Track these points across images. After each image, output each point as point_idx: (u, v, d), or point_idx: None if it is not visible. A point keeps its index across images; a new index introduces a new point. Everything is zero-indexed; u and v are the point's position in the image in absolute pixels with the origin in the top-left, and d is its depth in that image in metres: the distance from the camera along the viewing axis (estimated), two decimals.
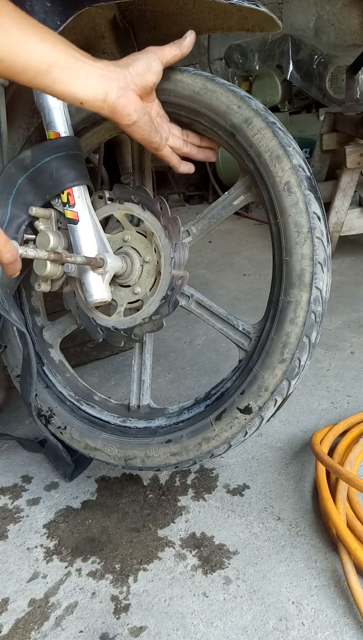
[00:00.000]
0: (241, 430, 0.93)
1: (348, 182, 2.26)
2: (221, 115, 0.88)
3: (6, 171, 0.93)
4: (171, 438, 0.99)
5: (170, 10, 1.00)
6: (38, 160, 0.92)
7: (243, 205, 0.96)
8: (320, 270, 0.84)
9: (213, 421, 0.95)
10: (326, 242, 0.85)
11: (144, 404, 1.08)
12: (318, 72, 3.33)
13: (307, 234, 0.82)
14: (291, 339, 0.86)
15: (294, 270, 0.84)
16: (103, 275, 0.94)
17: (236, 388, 0.93)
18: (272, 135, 0.84)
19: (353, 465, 1.09)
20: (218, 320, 0.98)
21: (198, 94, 0.90)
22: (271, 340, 0.87)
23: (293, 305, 0.85)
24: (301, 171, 0.84)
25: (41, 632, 0.89)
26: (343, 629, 0.83)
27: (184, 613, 0.89)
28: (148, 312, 0.97)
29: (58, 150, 0.92)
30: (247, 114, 0.86)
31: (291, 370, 0.87)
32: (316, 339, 0.88)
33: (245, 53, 3.59)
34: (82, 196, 0.93)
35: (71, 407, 1.12)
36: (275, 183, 0.84)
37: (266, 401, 0.89)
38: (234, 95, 0.88)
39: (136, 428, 1.07)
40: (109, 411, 1.11)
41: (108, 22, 1.06)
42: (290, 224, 0.83)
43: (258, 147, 0.85)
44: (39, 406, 1.12)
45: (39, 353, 1.15)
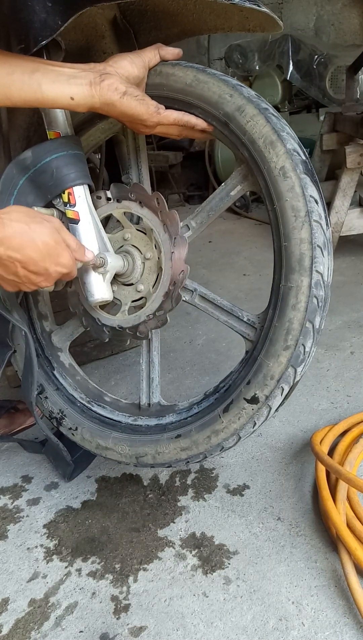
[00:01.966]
0: (249, 420, 0.92)
1: (348, 182, 2.25)
2: (214, 105, 0.88)
3: (7, 172, 0.93)
4: (181, 433, 0.99)
5: (171, 10, 1.00)
6: (39, 161, 0.92)
7: (240, 195, 0.96)
8: (319, 253, 0.83)
9: (221, 413, 0.94)
10: (325, 225, 0.84)
11: (154, 402, 1.08)
12: (318, 72, 3.34)
13: (305, 218, 0.82)
14: (294, 325, 0.85)
15: (293, 255, 0.83)
16: (104, 275, 0.94)
17: (242, 378, 0.92)
18: (265, 121, 0.84)
19: (353, 465, 1.09)
20: (222, 312, 0.97)
21: (190, 86, 0.90)
22: (275, 328, 0.87)
23: (294, 290, 0.84)
24: (296, 155, 0.83)
25: (41, 632, 0.89)
26: (343, 629, 0.83)
27: (184, 613, 0.89)
28: (152, 309, 0.97)
29: (58, 150, 0.92)
30: (239, 102, 0.86)
31: (296, 357, 0.86)
32: (320, 324, 0.87)
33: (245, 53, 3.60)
34: (83, 196, 0.93)
35: (81, 408, 1.13)
36: (270, 169, 0.84)
37: (273, 390, 0.88)
38: (226, 84, 0.88)
39: (146, 425, 1.07)
40: (120, 411, 1.12)
41: (109, 22, 1.06)
42: (287, 208, 0.83)
43: (251, 134, 0.85)
44: (50, 408, 1.13)
45: (48, 357, 1.16)
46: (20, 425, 1.42)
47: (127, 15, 1.07)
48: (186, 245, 0.94)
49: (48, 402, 1.14)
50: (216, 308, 0.98)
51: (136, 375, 1.66)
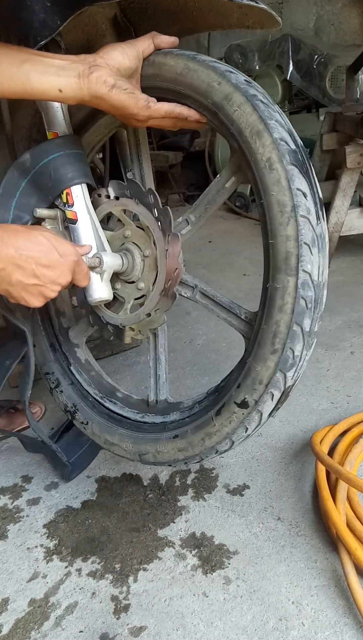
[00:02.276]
0: (240, 425, 0.90)
1: (348, 182, 2.25)
2: (203, 94, 0.83)
3: (8, 175, 0.93)
4: (178, 433, 0.99)
5: (171, 8, 1.00)
6: (37, 162, 0.92)
7: (235, 186, 0.92)
8: (307, 252, 0.77)
9: (213, 416, 0.93)
10: (314, 220, 0.79)
11: (161, 399, 1.08)
12: (318, 72, 3.33)
13: (290, 214, 0.76)
14: (281, 328, 0.81)
15: (279, 253, 0.78)
16: (101, 275, 0.93)
17: (233, 381, 0.90)
18: (252, 109, 0.78)
19: (353, 465, 1.09)
20: (221, 309, 0.96)
21: (181, 75, 0.85)
22: (262, 330, 0.83)
23: (280, 291, 0.79)
24: (284, 145, 0.77)
25: (41, 632, 0.89)
26: (343, 629, 0.83)
27: (184, 613, 0.89)
28: (150, 307, 0.97)
29: (56, 150, 0.92)
30: (227, 90, 0.81)
31: (284, 362, 0.82)
32: (311, 327, 0.82)
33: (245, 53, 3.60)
34: (80, 195, 0.93)
35: (93, 403, 1.15)
36: (257, 160, 0.79)
37: (262, 395, 0.85)
38: (214, 71, 0.82)
39: (149, 423, 1.07)
40: (131, 407, 1.12)
41: (109, 21, 1.06)
42: (273, 203, 0.78)
43: (239, 124, 0.80)
44: (65, 402, 1.16)
45: (66, 354, 1.17)
46: (19, 425, 1.42)
47: (127, 14, 1.07)
48: (179, 242, 0.92)
49: (63, 396, 1.17)
50: (215, 305, 0.97)
51: (136, 375, 1.66)
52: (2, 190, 0.93)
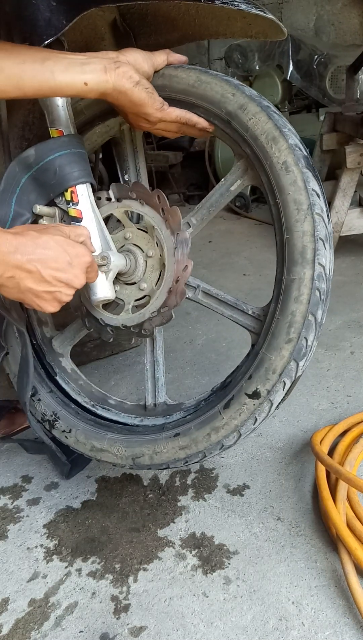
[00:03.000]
0: (250, 416, 0.91)
1: (348, 182, 2.25)
2: (216, 104, 0.90)
3: (10, 169, 0.93)
4: (180, 431, 0.98)
5: (172, 15, 1.00)
6: (42, 159, 0.92)
7: (240, 189, 0.96)
8: (322, 246, 0.83)
9: (221, 409, 0.93)
10: (326, 218, 0.86)
11: (160, 402, 1.07)
12: (318, 72, 3.33)
13: (307, 211, 0.83)
14: (297, 318, 0.85)
15: (296, 247, 0.84)
16: (107, 274, 0.94)
17: (243, 374, 0.92)
18: (267, 118, 0.86)
19: (353, 465, 1.09)
20: (227, 307, 0.97)
21: (192, 86, 0.92)
22: (277, 321, 0.87)
23: (296, 283, 0.84)
24: (298, 150, 0.85)
25: (41, 632, 0.89)
26: (343, 629, 0.83)
27: (184, 613, 0.89)
28: (156, 306, 0.96)
29: (61, 148, 0.92)
30: (241, 100, 0.88)
31: (299, 351, 0.86)
32: (322, 317, 0.87)
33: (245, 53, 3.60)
34: (85, 194, 0.93)
35: (77, 410, 1.12)
36: (273, 164, 0.85)
37: (275, 384, 0.88)
38: (228, 84, 0.90)
39: (148, 426, 1.06)
40: (126, 413, 1.11)
41: (108, 25, 1.06)
42: (290, 202, 0.84)
43: (254, 131, 0.87)
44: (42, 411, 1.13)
45: (50, 364, 1.15)
46: (20, 425, 1.42)
47: (127, 19, 1.07)
48: (188, 240, 0.94)
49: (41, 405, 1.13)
50: (220, 303, 0.98)
51: (136, 375, 1.66)
52: (3, 185, 0.93)
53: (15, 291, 0.78)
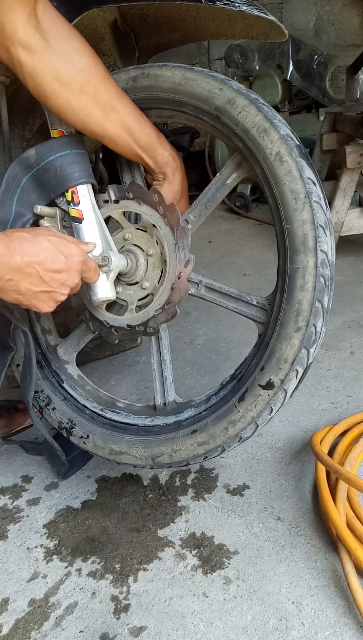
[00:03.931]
0: (266, 407, 0.91)
1: (348, 182, 2.25)
2: (204, 100, 0.91)
3: (10, 170, 0.93)
4: (197, 428, 0.98)
5: (172, 16, 1.00)
6: (42, 159, 0.92)
7: (236, 182, 0.97)
8: (322, 233, 0.84)
9: (236, 403, 0.94)
10: (324, 205, 0.86)
11: (170, 400, 1.07)
12: (318, 72, 3.33)
13: (305, 200, 0.83)
14: (304, 306, 0.85)
15: (297, 236, 0.84)
16: (108, 274, 0.94)
17: (255, 365, 0.92)
18: (256, 110, 0.86)
19: (353, 465, 1.09)
20: (230, 300, 0.97)
21: (179, 84, 0.92)
22: (284, 311, 0.87)
23: (300, 271, 0.85)
24: (290, 140, 0.86)
25: (41, 632, 0.89)
26: (343, 629, 0.83)
27: (184, 613, 0.89)
28: (160, 303, 0.96)
29: (62, 148, 0.92)
30: (229, 95, 0.88)
31: (309, 338, 0.86)
32: (328, 304, 0.88)
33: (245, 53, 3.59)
34: (86, 194, 0.93)
35: (92, 415, 1.12)
36: (266, 155, 0.86)
37: (287, 373, 0.88)
38: (214, 80, 0.90)
39: (160, 425, 1.06)
40: (136, 414, 1.10)
41: (109, 25, 1.06)
42: (287, 192, 0.84)
43: (244, 124, 0.87)
44: (58, 419, 1.12)
45: (56, 371, 1.15)
46: (20, 425, 1.42)
47: (127, 19, 1.07)
48: (188, 235, 0.94)
49: (56, 413, 1.13)
50: (223, 296, 0.98)
51: (136, 375, 1.66)
52: (4, 185, 0.93)
53: (14, 293, 0.79)
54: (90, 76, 0.86)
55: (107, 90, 0.89)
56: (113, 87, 0.90)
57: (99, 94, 0.88)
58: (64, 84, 0.85)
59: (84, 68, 0.86)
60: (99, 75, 0.88)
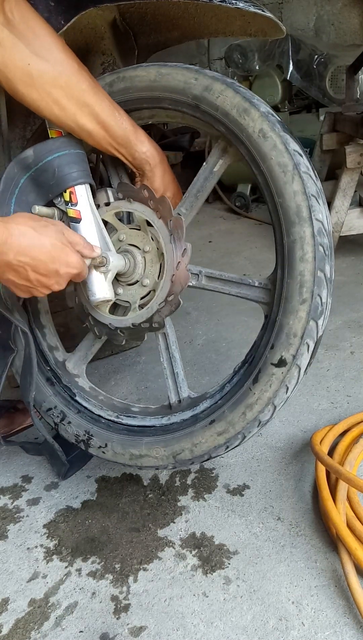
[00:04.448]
0: (281, 386, 0.90)
1: (348, 182, 2.25)
2: (181, 91, 0.92)
3: (9, 170, 0.93)
4: (214, 418, 0.96)
5: (171, 14, 1.01)
6: (40, 159, 0.92)
7: (223, 169, 0.97)
8: (315, 202, 0.84)
9: (251, 385, 0.92)
10: (314, 176, 0.86)
11: (184, 397, 1.05)
12: (318, 72, 3.33)
13: (294, 171, 0.84)
14: (306, 277, 0.85)
15: (290, 208, 0.84)
16: (106, 274, 0.94)
17: (265, 345, 0.91)
18: (234, 92, 0.88)
19: (353, 465, 1.09)
20: (232, 285, 0.97)
21: (154, 81, 0.94)
22: (287, 285, 0.86)
23: (298, 242, 0.84)
24: (271, 117, 0.87)
25: (41, 632, 0.89)
26: (343, 629, 0.83)
27: (184, 613, 0.89)
28: (162, 296, 0.96)
29: (60, 149, 0.92)
30: (205, 82, 0.90)
31: (315, 309, 0.86)
32: (330, 273, 0.87)
33: (245, 53, 3.59)
34: (84, 195, 0.94)
35: (108, 424, 1.10)
36: (249, 134, 0.86)
37: (298, 347, 0.87)
38: (188, 71, 0.92)
39: (178, 422, 1.04)
40: (151, 416, 1.09)
41: (108, 24, 1.06)
42: (274, 166, 0.85)
43: (224, 108, 0.88)
44: (75, 432, 1.11)
45: (68, 386, 1.15)
46: (20, 425, 1.42)
47: (126, 18, 1.07)
48: (183, 225, 0.94)
49: (72, 427, 1.12)
50: (225, 283, 0.97)
51: (136, 375, 1.66)
52: (2, 185, 0.93)
53: None
54: (61, 70, 0.87)
55: (80, 84, 0.88)
56: (86, 80, 0.89)
57: (71, 87, 0.88)
58: (35, 78, 0.85)
59: (55, 62, 0.86)
60: (71, 69, 0.88)
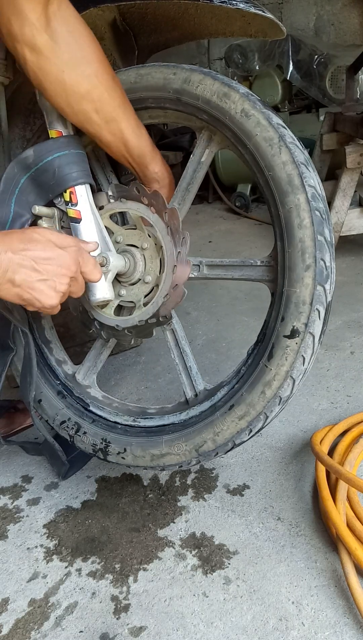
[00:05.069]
0: (297, 357, 0.88)
1: (348, 182, 2.25)
2: (162, 88, 0.94)
3: (9, 170, 0.93)
4: (233, 402, 0.94)
5: (171, 14, 1.01)
6: (40, 160, 0.92)
7: (211, 158, 0.98)
8: (305, 169, 0.85)
9: (266, 362, 0.91)
10: (300, 146, 0.88)
11: (200, 390, 1.04)
12: (318, 72, 3.33)
13: (280, 143, 0.85)
14: (307, 243, 0.84)
15: (282, 179, 0.85)
16: (106, 274, 0.94)
17: (275, 319, 0.90)
18: (212, 80, 0.90)
19: (353, 465, 1.09)
20: (235, 269, 0.96)
21: (135, 82, 0.96)
22: (289, 254, 0.86)
23: (294, 210, 0.85)
24: (252, 96, 0.89)
25: (41, 632, 0.89)
26: (343, 629, 0.83)
27: (184, 613, 0.89)
28: (166, 289, 0.96)
29: (60, 149, 0.92)
30: (184, 75, 0.92)
31: (320, 274, 0.85)
32: (330, 236, 0.87)
33: (245, 53, 3.59)
34: (84, 195, 0.94)
35: (125, 428, 1.09)
36: (232, 116, 0.88)
37: (309, 315, 0.86)
38: (166, 67, 0.94)
39: (196, 415, 1.02)
40: (169, 414, 1.07)
41: (108, 24, 1.06)
42: (260, 141, 0.86)
43: (204, 96, 0.90)
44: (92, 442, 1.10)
45: (80, 397, 1.14)
46: (20, 425, 1.42)
47: (126, 18, 1.07)
48: (177, 214, 0.94)
49: (88, 437, 1.10)
50: (227, 268, 0.97)
51: (136, 375, 1.66)
52: (3, 186, 0.93)
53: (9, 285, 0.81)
54: (96, 83, 0.86)
55: (111, 100, 0.89)
56: (119, 97, 0.90)
57: (103, 102, 0.88)
58: (67, 86, 0.85)
59: (90, 74, 0.86)
60: (106, 84, 0.88)
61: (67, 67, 0.84)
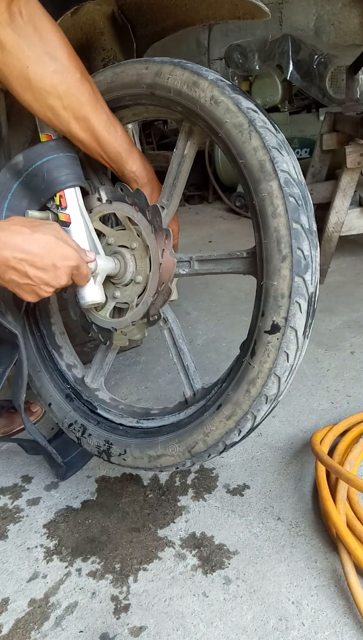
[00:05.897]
0: (279, 353, 0.84)
1: (348, 182, 2.25)
2: (136, 84, 0.93)
3: (1, 177, 0.94)
4: (221, 402, 0.93)
5: (165, 2, 1.03)
6: (30, 164, 0.92)
7: (194, 151, 0.97)
8: (277, 154, 0.81)
9: (249, 360, 0.87)
10: (273, 129, 0.83)
11: (198, 388, 1.03)
12: (318, 72, 3.33)
13: (250, 128, 0.81)
14: (282, 232, 0.80)
15: (253, 167, 0.81)
16: (95, 277, 0.94)
17: (256, 316, 0.86)
18: (182, 70, 0.88)
19: (353, 465, 1.09)
20: (224, 263, 0.93)
21: (111, 82, 0.96)
22: (265, 245, 0.82)
23: (267, 198, 0.80)
24: (221, 82, 0.86)
25: (41, 632, 0.89)
26: (343, 629, 0.83)
27: (184, 613, 0.89)
28: (153, 288, 0.95)
29: (49, 153, 0.92)
30: (155, 68, 0.90)
31: (298, 264, 0.80)
32: (309, 223, 0.83)
33: (245, 53, 3.59)
34: (74, 198, 0.94)
35: (126, 430, 1.10)
36: (202, 105, 0.85)
37: (288, 308, 0.82)
38: (139, 63, 0.93)
39: (190, 415, 1.02)
40: (170, 414, 1.07)
41: (107, 18, 1.07)
42: (231, 128, 0.83)
43: (175, 87, 0.88)
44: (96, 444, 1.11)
45: (89, 400, 1.15)
46: (20, 425, 1.42)
47: (124, 10, 1.08)
48: (159, 211, 0.93)
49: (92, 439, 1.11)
50: (216, 262, 0.94)
51: (136, 375, 1.66)
52: None
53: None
54: (61, 78, 0.86)
55: (79, 95, 0.87)
56: (87, 92, 0.89)
57: (70, 98, 0.87)
58: (31, 82, 0.85)
59: (57, 69, 0.85)
60: (73, 78, 0.87)
61: (31, 63, 0.83)
